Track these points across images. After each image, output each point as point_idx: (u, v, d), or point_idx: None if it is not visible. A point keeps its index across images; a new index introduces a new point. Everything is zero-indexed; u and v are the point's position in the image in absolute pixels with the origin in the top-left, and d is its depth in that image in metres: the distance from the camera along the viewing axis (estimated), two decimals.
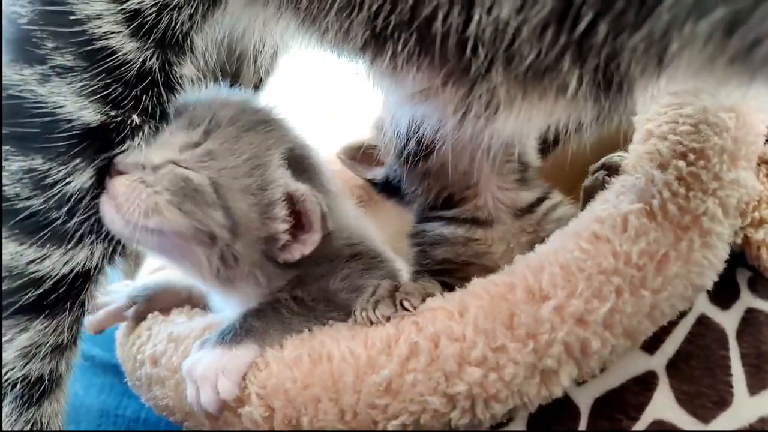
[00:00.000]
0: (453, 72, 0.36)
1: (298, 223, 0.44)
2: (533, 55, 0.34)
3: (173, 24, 0.39)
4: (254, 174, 0.43)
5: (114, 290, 0.54)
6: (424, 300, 0.44)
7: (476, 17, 0.33)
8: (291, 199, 0.43)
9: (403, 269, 0.52)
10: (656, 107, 0.48)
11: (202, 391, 0.41)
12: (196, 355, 0.44)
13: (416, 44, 0.36)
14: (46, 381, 0.43)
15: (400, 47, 0.36)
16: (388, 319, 0.42)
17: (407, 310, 0.42)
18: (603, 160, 0.49)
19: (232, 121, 0.44)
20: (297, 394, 0.41)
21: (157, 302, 0.52)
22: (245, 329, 0.44)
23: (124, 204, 0.40)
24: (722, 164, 0.42)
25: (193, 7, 0.39)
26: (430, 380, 0.39)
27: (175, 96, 0.41)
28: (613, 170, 0.47)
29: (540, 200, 0.50)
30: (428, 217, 0.52)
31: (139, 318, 0.52)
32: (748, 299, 0.45)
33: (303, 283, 0.46)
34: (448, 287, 0.44)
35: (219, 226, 0.42)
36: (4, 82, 0.38)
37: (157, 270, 0.59)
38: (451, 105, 0.38)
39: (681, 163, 0.42)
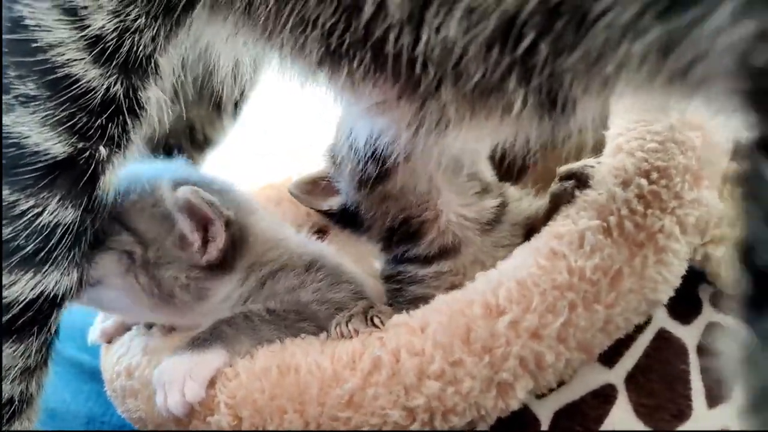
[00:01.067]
0: (406, 88, 0.39)
1: (200, 226, 0.49)
2: (479, 74, 0.36)
3: (135, 48, 0.40)
4: (146, 196, 0.50)
5: None
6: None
7: (425, 37, 0.35)
8: (186, 207, 0.48)
9: (368, 283, 0.54)
10: (625, 122, 0.50)
11: (170, 394, 0.44)
12: (168, 362, 0.47)
13: (371, 61, 0.38)
14: (17, 402, 0.45)
15: (355, 64, 0.38)
16: (357, 333, 0.45)
17: (376, 326, 0.45)
18: (572, 167, 0.49)
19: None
20: (264, 404, 0.43)
21: None
22: (215, 335, 0.47)
23: None
24: (684, 183, 0.44)
25: (155, 29, 0.40)
26: (390, 394, 0.42)
27: (140, 121, 0.43)
28: (582, 181, 0.48)
29: (503, 205, 0.52)
30: (403, 259, 0.53)
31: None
32: (709, 314, 0.47)
33: (275, 294, 0.49)
34: None
35: (129, 244, 0.49)
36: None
37: None
38: (404, 119, 0.40)
39: (643, 182, 0.44)
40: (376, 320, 0.45)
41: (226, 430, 0.44)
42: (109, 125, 0.41)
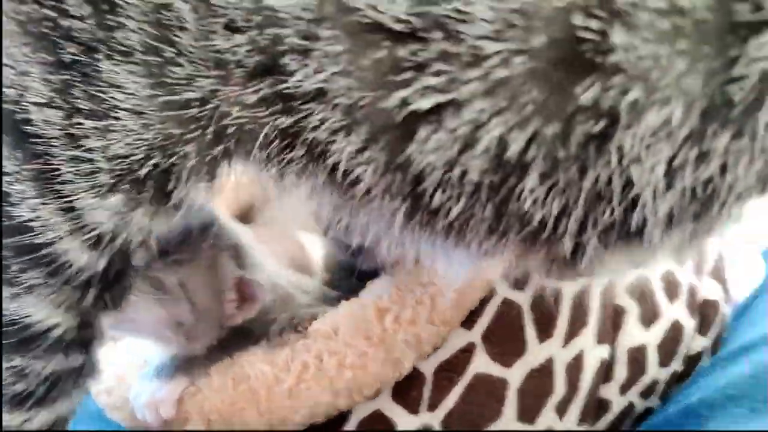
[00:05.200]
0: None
1: (242, 297, 0.67)
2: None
3: (130, 239, 0.47)
4: (210, 272, 0.65)
5: None
6: (314, 318, 0.68)
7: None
8: (240, 283, 0.66)
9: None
10: None
11: (148, 415, 0.65)
12: (140, 388, 0.66)
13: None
14: None
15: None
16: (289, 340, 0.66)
17: (300, 332, 0.67)
18: None
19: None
20: (226, 409, 0.64)
21: None
22: (174, 367, 0.66)
23: None
24: None
25: (149, 221, 0.46)
26: (318, 385, 0.64)
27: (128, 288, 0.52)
28: None
29: None
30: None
31: None
32: (538, 281, 0.71)
33: None
34: None
35: (186, 314, 0.64)
36: None
37: None
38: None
39: None
40: (300, 328, 0.67)
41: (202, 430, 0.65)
42: (105, 295, 0.51)
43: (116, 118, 0.41)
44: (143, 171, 0.43)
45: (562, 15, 0.30)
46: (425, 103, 0.34)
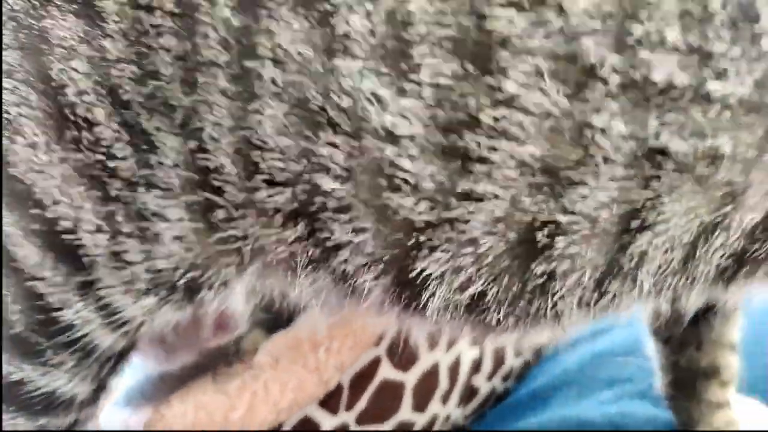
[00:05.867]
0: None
1: (218, 325, 0.79)
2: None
3: (145, 323, 0.53)
4: None
5: None
6: (256, 347, 0.84)
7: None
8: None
9: None
10: None
11: None
12: (111, 415, 0.79)
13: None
14: None
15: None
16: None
17: (245, 362, 0.83)
18: None
19: None
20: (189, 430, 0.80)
21: None
22: (142, 396, 0.80)
23: None
24: None
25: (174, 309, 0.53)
26: (266, 406, 0.81)
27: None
28: None
29: None
30: None
31: None
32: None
33: None
34: None
35: (169, 332, 0.71)
36: (6, 370, 0.52)
37: None
38: None
39: None
40: (245, 359, 0.83)
41: None
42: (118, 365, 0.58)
43: (159, 243, 0.47)
44: (181, 282, 0.50)
45: (527, 224, 0.45)
46: (435, 271, 0.47)
